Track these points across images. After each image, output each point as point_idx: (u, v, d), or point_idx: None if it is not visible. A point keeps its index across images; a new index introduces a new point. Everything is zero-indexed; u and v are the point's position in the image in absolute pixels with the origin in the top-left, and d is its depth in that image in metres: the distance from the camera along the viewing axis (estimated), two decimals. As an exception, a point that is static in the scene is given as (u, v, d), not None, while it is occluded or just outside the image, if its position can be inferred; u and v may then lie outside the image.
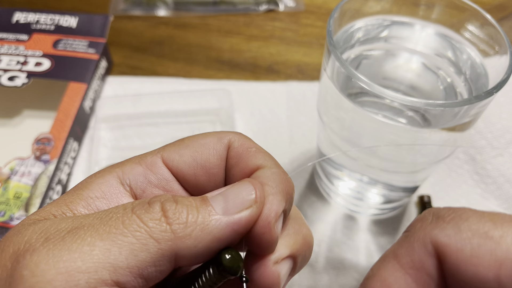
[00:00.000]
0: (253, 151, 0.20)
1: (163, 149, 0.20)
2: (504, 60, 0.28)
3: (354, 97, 0.29)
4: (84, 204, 0.18)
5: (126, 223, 0.15)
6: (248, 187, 0.18)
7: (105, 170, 0.20)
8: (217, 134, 0.21)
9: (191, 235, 0.16)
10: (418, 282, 0.14)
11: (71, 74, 0.47)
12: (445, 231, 0.14)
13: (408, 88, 0.34)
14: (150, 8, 0.61)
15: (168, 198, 0.17)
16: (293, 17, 0.61)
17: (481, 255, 0.13)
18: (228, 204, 0.17)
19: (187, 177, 0.20)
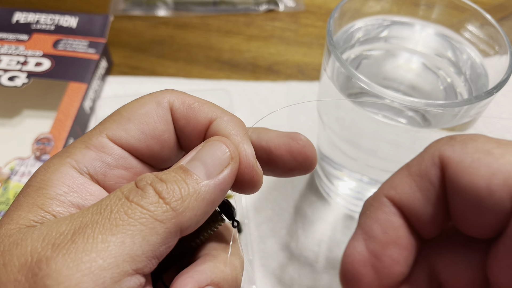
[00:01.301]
0: (197, 106, 0.21)
1: (104, 128, 0.20)
2: (504, 60, 0.28)
3: (354, 97, 0.29)
4: (58, 203, 0.18)
5: (129, 213, 0.16)
6: (220, 146, 0.19)
7: (54, 163, 0.19)
8: (153, 99, 0.20)
9: (189, 207, 0.17)
10: (420, 187, 0.16)
11: (71, 74, 0.47)
12: (453, 147, 0.15)
13: (408, 88, 0.34)
14: (150, 8, 0.61)
15: (153, 178, 0.17)
16: (293, 17, 0.61)
17: (478, 166, 0.14)
18: (208, 168, 0.18)
19: (141, 151, 0.20)
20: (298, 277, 0.37)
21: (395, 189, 0.16)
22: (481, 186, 0.14)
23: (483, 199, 0.14)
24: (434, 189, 0.16)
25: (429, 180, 0.16)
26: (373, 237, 0.16)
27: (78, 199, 0.18)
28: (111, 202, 0.17)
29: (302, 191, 0.42)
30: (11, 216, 0.17)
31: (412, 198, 0.16)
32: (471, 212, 0.15)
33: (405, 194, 0.16)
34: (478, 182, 0.14)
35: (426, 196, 0.16)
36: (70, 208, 0.18)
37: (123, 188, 0.17)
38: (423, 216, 0.16)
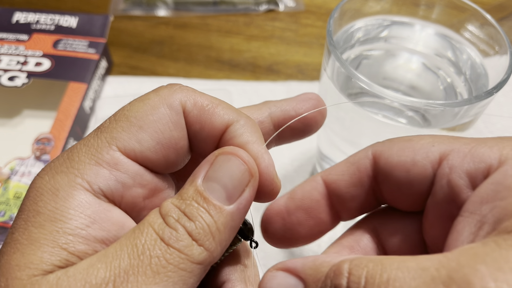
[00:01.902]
0: (211, 108, 0.19)
1: (113, 138, 0.18)
2: (504, 60, 0.28)
3: (354, 97, 0.29)
4: (81, 240, 0.16)
5: (169, 259, 0.16)
6: (237, 162, 0.18)
7: (63, 185, 0.17)
8: (164, 101, 0.19)
9: (219, 241, 0.17)
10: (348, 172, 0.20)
11: (71, 74, 0.47)
12: (383, 143, 0.19)
13: (408, 88, 0.34)
14: (150, 8, 0.61)
15: (179, 214, 0.17)
16: (293, 17, 0.61)
17: (403, 149, 0.18)
18: (228, 190, 0.17)
19: (157, 162, 0.18)
20: (298, 277, 0.37)
21: (330, 171, 0.20)
22: (407, 161, 0.18)
23: (410, 170, 0.18)
24: (359, 174, 0.19)
25: (358, 168, 0.19)
26: (293, 199, 0.20)
27: (102, 232, 0.17)
28: (147, 243, 0.16)
29: (302, 191, 0.42)
30: (30, 258, 0.15)
31: (339, 179, 0.20)
32: (403, 186, 0.18)
33: (336, 175, 0.20)
34: (405, 159, 0.18)
35: (352, 179, 0.20)
36: (95, 245, 0.17)
37: (152, 223, 0.16)
38: (346, 195, 0.20)
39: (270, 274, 0.18)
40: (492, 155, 0.16)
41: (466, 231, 0.15)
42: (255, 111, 0.22)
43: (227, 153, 0.18)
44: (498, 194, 0.15)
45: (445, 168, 0.17)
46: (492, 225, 0.15)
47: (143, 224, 0.17)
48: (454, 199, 0.17)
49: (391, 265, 0.14)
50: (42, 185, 0.17)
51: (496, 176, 0.15)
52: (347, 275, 0.15)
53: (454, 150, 0.17)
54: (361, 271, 0.14)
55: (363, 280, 0.14)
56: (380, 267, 0.14)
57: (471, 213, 0.16)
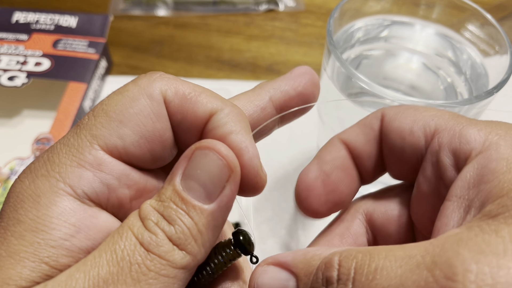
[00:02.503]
0: (193, 96, 0.18)
1: (93, 135, 0.17)
2: (504, 60, 0.28)
3: (354, 97, 0.29)
4: (65, 253, 0.15)
5: (150, 266, 0.15)
6: (215, 159, 0.16)
7: (43, 190, 0.16)
8: (143, 91, 0.17)
9: (202, 243, 0.16)
10: (363, 131, 0.21)
11: (71, 74, 0.47)
12: (392, 107, 0.20)
13: (408, 88, 0.34)
14: (150, 8, 0.61)
15: (158, 217, 0.16)
16: (293, 17, 0.61)
17: (405, 116, 0.19)
18: (207, 189, 0.16)
19: (142, 157, 0.17)
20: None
21: (345, 133, 0.21)
22: (405, 128, 0.19)
23: (406, 138, 0.19)
24: (373, 133, 0.20)
25: (371, 127, 0.21)
26: (325, 161, 0.21)
27: (87, 242, 0.16)
28: (126, 248, 0.15)
29: (302, 191, 0.42)
30: (8, 273, 0.15)
31: (356, 138, 0.21)
32: (397, 152, 0.19)
33: (351, 136, 0.21)
34: (404, 126, 0.19)
35: (366, 138, 0.21)
36: (79, 256, 0.16)
37: (132, 226, 0.16)
38: (363, 153, 0.21)
39: (261, 268, 0.18)
40: (478, 138, 0.17)
41: (454, 216, 0.16)
42: (255, 97, 0.21)
43: (204, 148, 0.17)
44: (483, 178, 0.15)
45: (435, 144, 0.18)
46: (478, 208, 0.15)
47: (122, 228, 0.16)
48: (441, 176, 0.18)
49: (379, 254, 0.14)
50: (22, 190, 0.16)
51: (481, 160, 0.16)
52: (338, 267, 0.15)
53: (447, 127, 0.18)
54: (351, 262, 0.14)
55: (352, 271, 0.14)
56: (369, 257, 0.14)
57: (459, 198, 0.16)
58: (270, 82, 0.22)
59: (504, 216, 0.13)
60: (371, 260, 0.14)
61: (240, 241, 0.18)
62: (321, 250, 0.16)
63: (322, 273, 0.15)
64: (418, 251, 0.13)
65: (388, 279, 0.13)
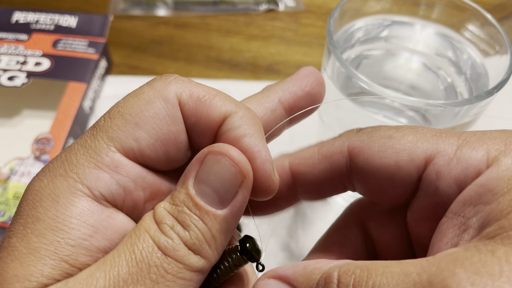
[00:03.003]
0: (208, 99, 0.18)
1: (110, 137, 0.17)
2: (505, 60, 0.28)
3: (354, 97, 0.29)
4: (84, 252, 0.16)
5: (168, 269, 0.16)
6: (228, 165, 0.17)
7: (62, 191, 0.16)
8: (158, 94, 0.18)
9: (215, 247, 0.17)
10: (320, 165, 0.19)
11: (71, 74, 0.47)
12: (360, 138, 0.18)
13: (408, 88, 0.34)
14: (150, 8, 0.61)
15: (173, 222, 0.16)
16: (293, 17, 0.61)
17: (384, 149, 0.17)
18: (220, 194, 0.17)
19: (157, 159, 0.18)
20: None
21: (300, 159, 0.20)
22: (390, 165, 0.17)
23: (394, 175, 0.17)
24: (331, 170, 0.19)
25: (331, 163, 0.19)
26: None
27: (105, 242, 0.16)
28: (144, 250, 0.15)
29: (302, 191, 0.42)
30: (29, 269, 0.15)
31: (310, 172, 0.19)
32: (385, 187, 0.18)
33: (306, 167, 0.20)
34: (387, 162, 0.17)
35: (322, 174, 0.19)
36: (97, 255, 0.16)
37: (148, 229, 0.16)
38: (311, 187, 0.20)
39: (262, 282, 0.18)
40: (479, 158, 0.16)
41: (450, 233, 0.16)
42: (264, 99, 0.21)
43: (216, 153, 0.17)
44: (482, 198, 0.15)
45: (431, 173, 0.17)
46: (476, 230, 0.15)
47: (139, 229, 0.16)
48: (442, 205, 0.16)
49: (377, 271, 0.14)
50: (40, 189, 0.16)
51: (481, 178, 0.15)
52: (337, 282, 0.15)
53: (439, 153, 0.17)
54: (349, 278, 0.14)
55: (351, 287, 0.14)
56: (366, 274, 0.14)
57: (455, 214, 0.16)
58: (278, 84, 0.22)
59: (501, 237, 0.13)
60: (368, 277, 0.14)
61: (246, 248, 0.18)
62: (321, 264, 0.16)
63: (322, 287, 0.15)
64: (414, 268, 0.13)
65: None
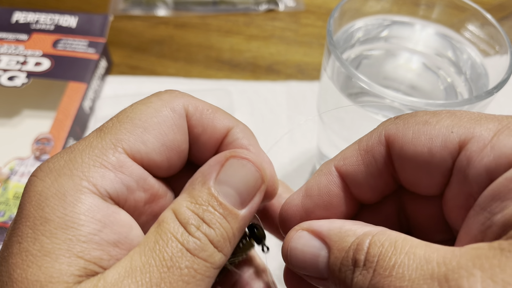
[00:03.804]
0: (211, 112, 0.20)
1: (119, 140, 0.18)
2: (505, 60, 0.28)
3: (354, 97, 0.29)
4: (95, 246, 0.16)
5: (197, 269, 0.17)
6: (253, 170, 0.18)
7: (68, 189, 0.16)
8: (167, 104, 0.19)
9: (232, 245, 0.18)
10: (364, 161, 0.18)
11: (71, 74, 0.47)
12: (396, 125, 0.18)
13: (408, 88, 0.34)
14: (150, 8, 0.61)
15: (200, 222, 0.17)
16: (293, 17, 0.61)
17: (418, 135, 0.17)
18: (242, 196, 0.18)
19: (160, 164, 0.19)
20: (298, 277, 0.37)
21: (344, 160, 0.19)
22: (423, 152, 0.16)
23: (428, 163, 0.16)
24: (376, 164, 0.18)
25: (373, 156, 0.18)
26: (310, 196, 0.19)
27: (113, 235, 0.17)
28: (174, 255, 0.16)
29: (302, 191, 0.42)
30: (48, 272, 0.15)
31: (356, 170, 0.19)
32: (421, 176, 0.17)
33: (351, 166, 0.19)
34: (420, 149, 0.16)
35: (369, 169, 0.18)
36: (108, 249, 0.16)
37: (175, 233, 0.17)
38: (364, 186, 0.19)
39: (296, 234, 0.18)
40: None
41: (475, 229, 0.15)
42: None
43: (241, 158, 0.18)
44: (510, 193, 0.14)
45: (462, 160, 0.16)
46: (500, 228, 0.14)
47: (165, 234, 0.17)
48: (472, 194, 0.16)
49: (403, 249, 0.14)
50: (44, 189, 0.16)
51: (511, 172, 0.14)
52: (366, 250, 0.15)
53: (474, 138, 0.15)
54: (377, 249, 0.15)
55: (375, 260, 0.15)
56: (393, 249, 0.14)
57: (481, 209, 0.15)
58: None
59: None
60: (393, 253, 0.14)
61: (255, 233, 0.20)
62: (357, 227, 0.17)
63: (353, 253, 0.16)
64: (437, 256, 0.13)
65: (401, 280, 0.14)
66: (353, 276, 0.15)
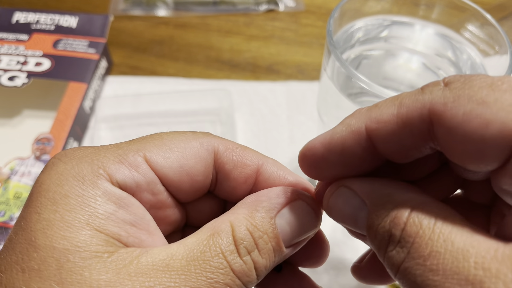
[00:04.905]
0: (240, 150, 0.21)
1: (143, 147, 0.19)
2: (504, 60, 0.28)
3: (354, 97, 0.29)
4: (113, 223, 0.17)
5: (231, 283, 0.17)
6: (314, 221, 0.19)
7: (86, 174, 0.17)
8: (198, 139, 0.20)
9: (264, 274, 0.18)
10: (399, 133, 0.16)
11: (71, 74, 0.47)
12: (445, 99, 0.14)
13: (408, 88, 0.34)
14: (150, 8, 0.61)
15: (252, 245, 0.17)
16: (293, 17, 0.61)
17: (471, 118, 0.14)
18: (294, 238, 0.19)
19: (171, 182, 0.19)
20: (298, 277, 0.37)
21: (377, 123, 0.16)
22: (475, 140, 0.14)
23: (481, 150, 0.14)
24: (416, 139, 0.16)
25: (411, 131, 0.16)
26: (332, 152, 0.18)
27: (129, 216, 0.18)
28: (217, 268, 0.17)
29: (302, 191, 0.42)
30: (73, 241, 0.16)
31: (391, 138, 0.16)
32: (471, 160, 0.15)
33: (385, 132, 0.16)
34: (471, 136, 0.14)
35: (406, 142, 0.16)
36: (126, 227, 0.17)
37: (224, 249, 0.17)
38: (398, 154, 0.17)
39: (338, 190, 0.18)
40: None
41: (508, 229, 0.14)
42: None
43: (308, 204, 0.19)
44: None
45: None
46: None
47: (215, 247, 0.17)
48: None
49: (441, 234, 0.13)
50: (66, 170, 0.17)
51: None
52: (403, 226, 0.14)
53: None
54: (415, 230, 0.14)
55: (411, 241, 0.14)
56: (431, 233, 0.14)
57: None
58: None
59: None
60: (430, 237, 0.14)
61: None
62: (398, 193, 0.16)
63: (389, 225, 0.15)
64: (476, 253, 0.13)
65: (434, 272, 0.13)
66: (387, 249, 0.15)
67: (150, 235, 0.18)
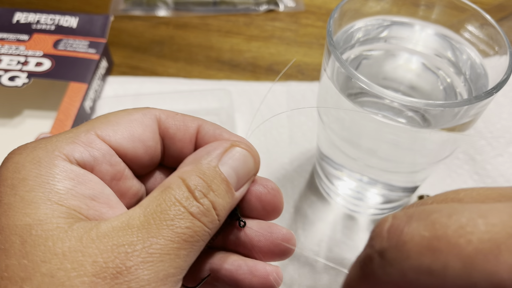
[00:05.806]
0: (180, 115, 0.22)
1: (93, 127, 0.20)
2: (504, 60, 0.28)
3: (354, 97, 0.29)
4: (73, 198, 0.18)
5: (197, 232, 0.18)
6: (252, 162, 0.21)
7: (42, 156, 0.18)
8: (140, 110, 0.22)
9: (224, 215, 0.20)
10: None
11: (72, 74, 0.47)
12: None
13: (408, 88, 0.35)
14: (150, 8, 0.61)
15: (207, 190, 0.19)
16: (293, 17, 0.61)
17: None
18: (239, 180, 0.20)
19: (126, 150, 0.21)
20: (298, 277, 0.37)
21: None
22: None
23: None
24: None
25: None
26: None
27: (88, 191, 0.18)
28: (175, 215, 0.18)
29: (302, 191, 0.42)
30: (35, 216, 0.16)
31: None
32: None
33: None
34: None
35: None
36: (86, 201, 0.18)
37: (179, 197, 0.18)
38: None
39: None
40: None
41: None
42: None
43: (244, 148, 0.21)
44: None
45: None
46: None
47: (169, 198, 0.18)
48: None
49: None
50: (21, 159, 0.18)
51: None
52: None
53: None
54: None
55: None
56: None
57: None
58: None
59: None
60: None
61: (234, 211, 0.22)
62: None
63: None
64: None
65: None
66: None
67: (111, 208, 0.19)
